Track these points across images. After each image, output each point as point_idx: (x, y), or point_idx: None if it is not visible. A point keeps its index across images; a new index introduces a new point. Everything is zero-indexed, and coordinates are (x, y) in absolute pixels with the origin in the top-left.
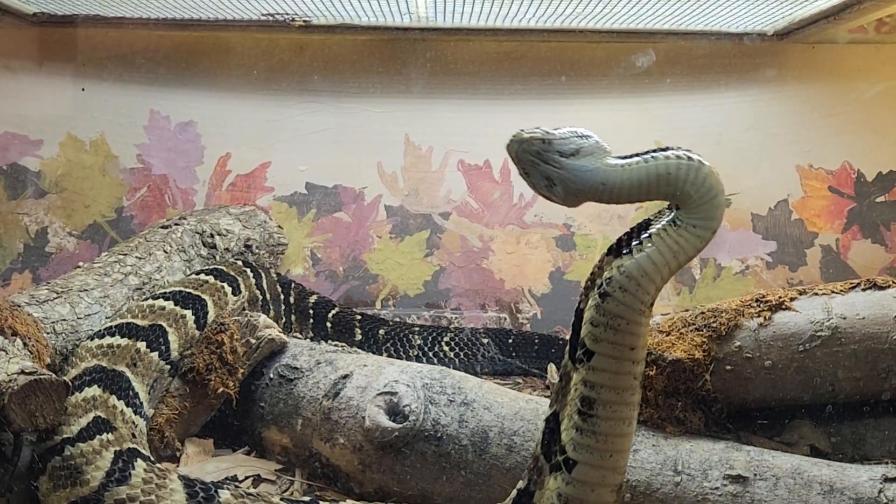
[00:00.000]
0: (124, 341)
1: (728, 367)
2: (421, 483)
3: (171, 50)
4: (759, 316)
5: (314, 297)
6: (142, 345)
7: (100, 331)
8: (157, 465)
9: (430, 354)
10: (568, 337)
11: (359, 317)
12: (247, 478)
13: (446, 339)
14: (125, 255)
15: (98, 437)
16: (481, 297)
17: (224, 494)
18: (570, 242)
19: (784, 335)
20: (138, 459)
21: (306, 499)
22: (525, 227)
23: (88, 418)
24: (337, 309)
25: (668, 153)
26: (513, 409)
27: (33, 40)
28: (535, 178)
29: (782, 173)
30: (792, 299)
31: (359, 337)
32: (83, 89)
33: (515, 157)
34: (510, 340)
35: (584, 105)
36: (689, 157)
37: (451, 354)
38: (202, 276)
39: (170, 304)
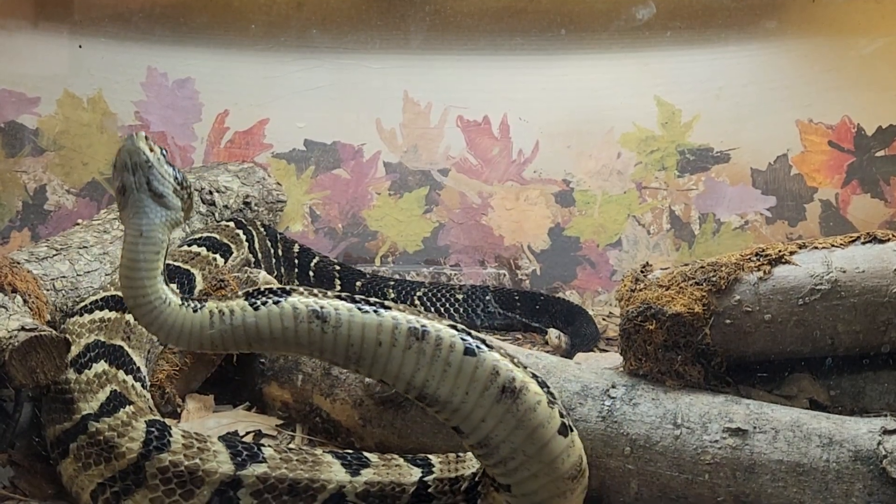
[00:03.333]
0: (114, 314)
1: (727, 321)
2: (421, 437)
3: (168, 6)
4: (758, 270)
5: (297, 246)
6: (130, 317)
7: (86, 305)
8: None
9: None
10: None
11: (338, 267)
12: (248, 433)
13: (419, 293)
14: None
15: (122, 409)
16: (480, 254)
17: (267, 451)
18: (570, 198)
19: (784, 289)
20: (172, 427)
21: (349, 452)
22: (524, 183)
23: (106, 393)
24: (318, 258)
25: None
26: None
27: None
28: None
29: (782, 128)
30: (792, 253)
31: (338, 287)
32: (80, 46)
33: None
34: (486, 297)
35: (583, 59)
36: None
37: (423, 309)
38: (194, 248)
39: None
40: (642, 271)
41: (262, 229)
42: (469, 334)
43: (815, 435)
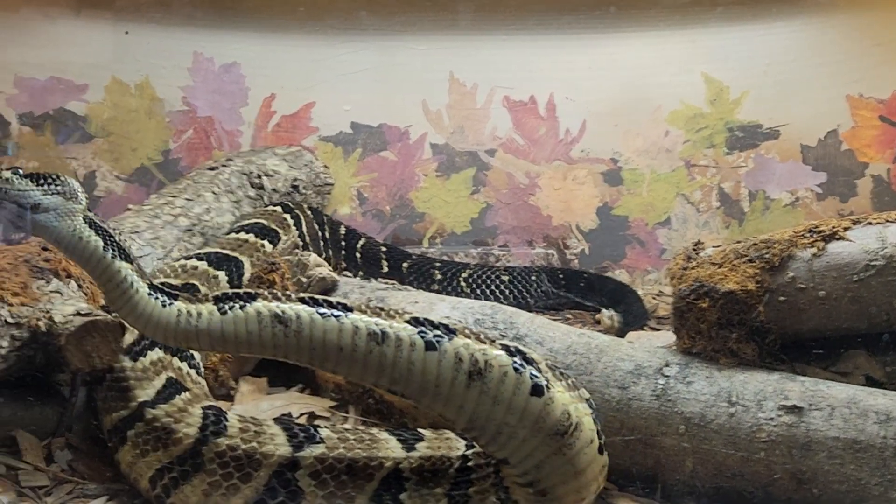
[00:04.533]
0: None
1: (781, 298)
2: None
3: None
4: (812, 246)
5: (343, 228)
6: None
7: None
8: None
9: (450, 289)
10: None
11: (384, 249)
12: (301, 415)
13: (464, 275)
14: (174, 197)
15: (178, 396)
16: (529, 234)
17: (324, 431)
18: (618, 177)
19: (838, 265)
20: (228, 412)
21: (405, 432)
22: (572, 163)
23: (162, 380)
24: (364, 240)
25: None
26: (565, 342)
27: None
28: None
29: (832, 103)
30: (846, 229)
31: (385, 269)
32: (126, 33)
33: None
34: (532, 277)
35: (630, 37)
36: None
37: (468, 290)
38: (242, 235)
39: (202, 265)
40: (694, 249)
41: (309, 213)
42: (431, 326)
43: (871, 411)
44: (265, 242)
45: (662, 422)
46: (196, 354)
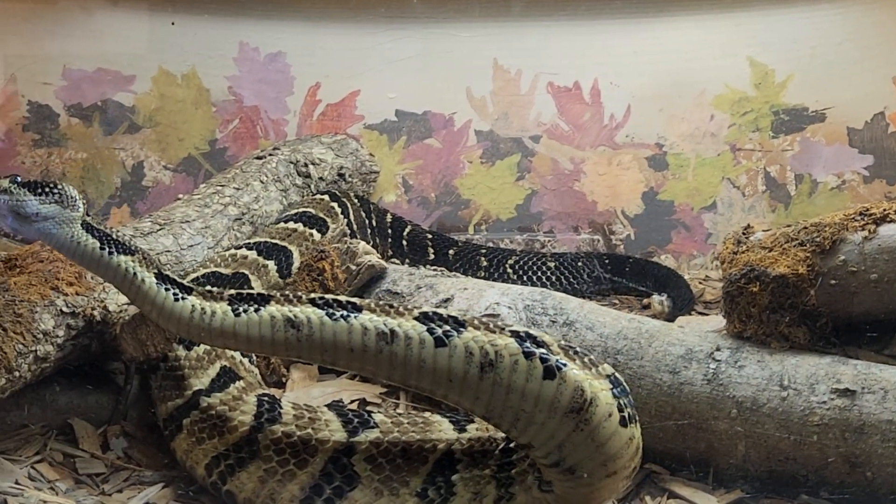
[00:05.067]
0: (215, 290)
1: (832, 282)
2: None
3: None
4: (863, 229)
5: (389, 216)
6: (233, 292)
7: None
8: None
9: (496, 276)
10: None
11: (430, 236)
12: (352, 401)
13: (510, 261)
14: (223, 186)
15: (232, 384)
16: (574, 220)
17: (377, 416)
18: (663, 162)
19: (890, 248)
20: (282, 400)
21: (457, 413)
22: (616, 148)
23: (216, 368)
24: (410, 227)
25: None
26: (615, 328)
27: None
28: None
29: (878, 85)
30: None
31: (431, 256)
32: (173, 23)
33: None
34: (579, 264)
35: (674, 21)
36: None
37: (514, 276)
38: (290, 225)
39: (252, 254)
40: (744, 233)
41: (355, 201)
42: (440, 321)
43: None
44: (313, 231)
45: (714, 406)
46: None
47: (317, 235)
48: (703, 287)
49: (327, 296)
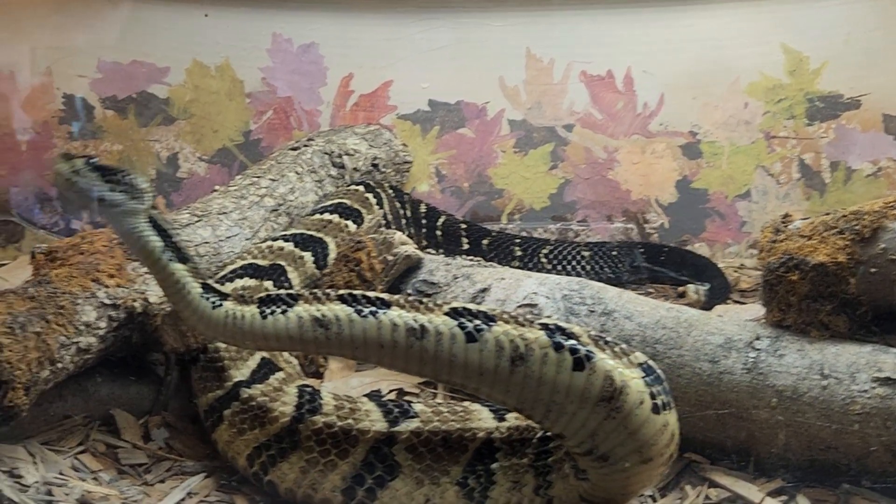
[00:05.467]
0: (253, 282)
1: (872, 270)
2: None
3: None
4: None
5: (424, 206)
6: (268, 283)
7: (225, 274)
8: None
9: (530, 265)
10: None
11: (464, 226)
12: (390, 391)
13: (545, 251)
14: (259, 177)
15: (272, 375)
16: (608, 209)
17: (418, 406)
18: (697, 150)
19: None
20: (322, 390)
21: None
22: (650, 137)
23: (256, 360)
24: (444, 217)
25: None
26: (653, 317)
27: None
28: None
29: None
30: None
31: (465, 246)
32: (206, 15)
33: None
34: (614, 253)
35: (707, 8)
36: None
37: (549, 266)
38: (325, 216)
39: (289, 246)
40: (783, 222)
41: (390, 191)
42: (470, 316)
43: None
44: (349, 223)
45: (754, 395)
46: None
47: (352, 226)
48: (738, 275)
49: (356, 292)
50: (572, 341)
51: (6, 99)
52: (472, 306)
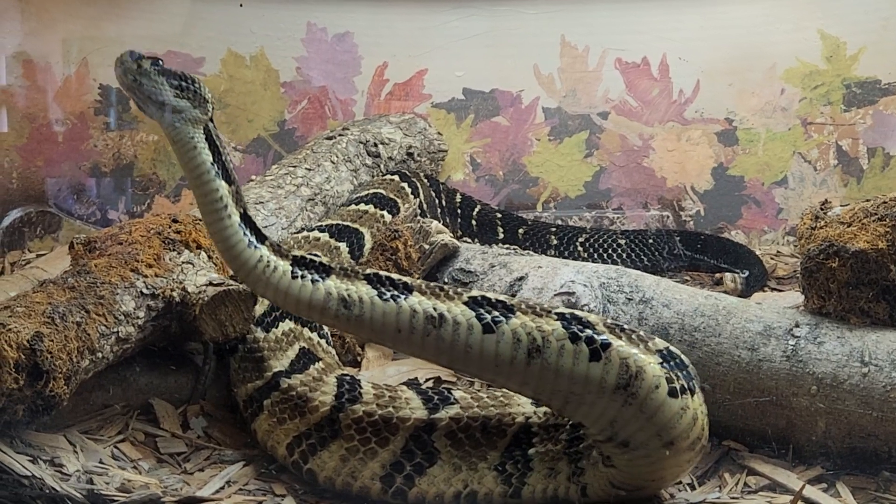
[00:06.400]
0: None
1: None
2: None
3: None
4: None
5: (459, 195)
6: None
7: None
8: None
9: (566, 254)
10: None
11: (499, 215)
12: (427, 380)
13: (581, 239)
14: (295, 167)
15: (312, 365)
16: (643, 196)
17: (458, 392)
18: (733, 137)
19: None
20: (362, 379)
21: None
22: (686, 124)
23: (295, 350)
24: (479, 207)
25: None
26: (692, 305)
27: None
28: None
29: None
30: None
31: (501, 235)
32: (241, 5)
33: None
34: (650, 241)
35: None
36: None
37: (585, 254)
38: (361, 207)
39: (324, 236)
40: (822, 209)
41: (425, 180)
42: (489, 306)
43: None
44: (384, 213)
45: (794, 382)
46: (328, 331)
47: (387, 217)
48: (775, 263)
49: (383, 273)
50: (589, 331)
51: (42, 90)
52: (491, 295)
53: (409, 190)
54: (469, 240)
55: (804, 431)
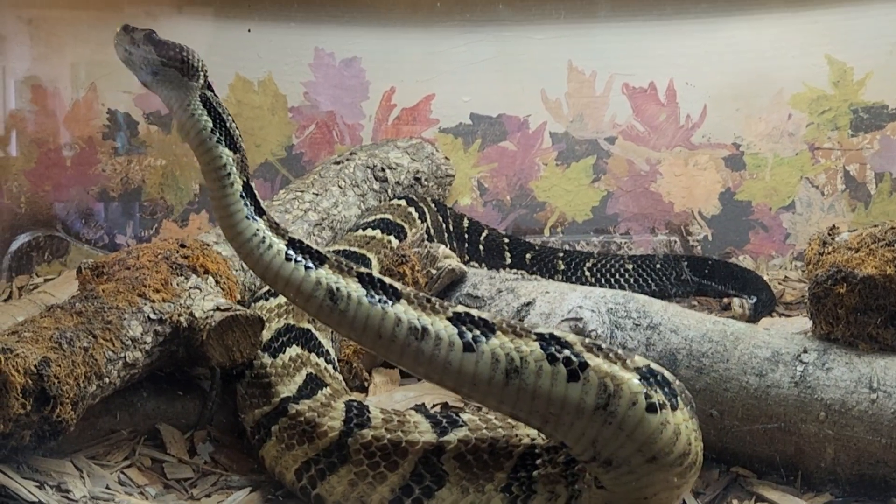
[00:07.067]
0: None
1: None
2: None
3: None
4: None
5: (466, 220)
6: None
7: (269, 290)
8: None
9: (574, 279)
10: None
11: (506, 240)
12: (434, 406)
13: (588, 264)
14: (302, 191)
15: (320, 391)
16: (650, 221)
17: (465, 415)
18: (740, 162)
19: None
20: (370, 405)
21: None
22: (693, 149)
23: (302, 376)
24: (487, 232)
25: None
26: (700, 330)
27: None
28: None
29: None
30: None
31: (508, 260)
32: (249, 30)
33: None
34: (657, 266)
35: (749, 20)
36: None
37: (592, 280)
38: (368, 232)
39: None
40: (829, 234)
41: (433, 205)
42: (471, 324)
43: None
44: (391, 238)
45: (802, 409)
46: (331, 350)
47: (395, 242)
48: (782, 288)
49: (376, 275)
50: (567, 351)
51: (51, 115)
52: (475, 312)
53: (416, 215)
54: (476, 265)
55: (813, 458)
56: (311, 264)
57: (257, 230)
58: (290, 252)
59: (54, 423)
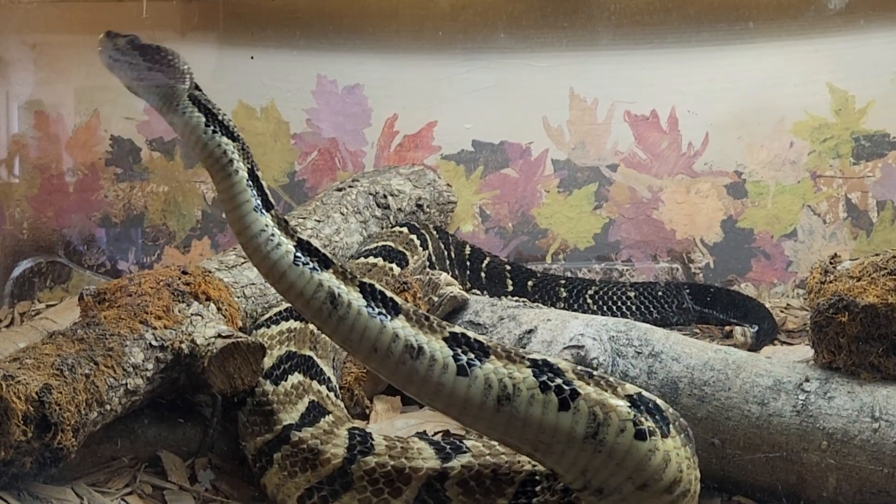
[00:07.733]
0: (298, 324)
1: None
2: None
3: (335, 14)
4: None
5: (468, 247)
6: (312, 327)
7: (271, 317)
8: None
9: (576, 306)
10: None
11: (508, 268)
12: (436, 433)
13: (590, 292)
14: (304, 218)
15: (322, 419)
16: (652, 248)
17: (469, 441)
18: (742, 189)
19: None
20: (372, 431)
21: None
22: (695, 176)
23: (304, 403)
24: (489, 259)
25: None
26: (701, 359)
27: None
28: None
29: None
30: None
31: (510, 288)
32: (252, 57)
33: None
34: (659, 293)
35: (751, 48)
36: None
37: (595, 307)
38: (370, 259)
39: None
40: (831, 262)
41: (434, 232)
42: (467, 347)
43: None
44: (393, 265)
45: (804, 438)
46: (332, 377)
47: (396, 269)
48: (784, 316)
49: (379, 287)
50: (559, 380)
51: (54, 141)
52: (472, 335)
53: (417, 242)
54: (478, 292)
55: (815, 487)
56: (315, 268)
57: (266, 225)
58: (299, 254)
59: (55, 450)
